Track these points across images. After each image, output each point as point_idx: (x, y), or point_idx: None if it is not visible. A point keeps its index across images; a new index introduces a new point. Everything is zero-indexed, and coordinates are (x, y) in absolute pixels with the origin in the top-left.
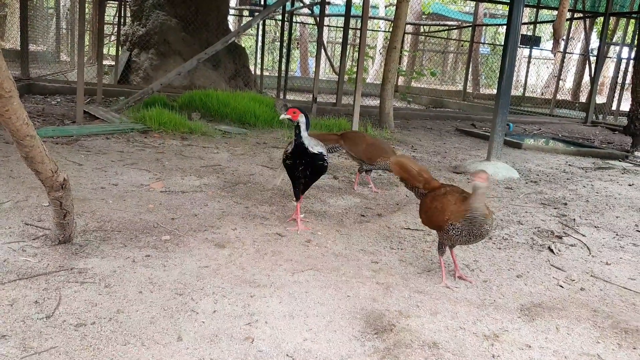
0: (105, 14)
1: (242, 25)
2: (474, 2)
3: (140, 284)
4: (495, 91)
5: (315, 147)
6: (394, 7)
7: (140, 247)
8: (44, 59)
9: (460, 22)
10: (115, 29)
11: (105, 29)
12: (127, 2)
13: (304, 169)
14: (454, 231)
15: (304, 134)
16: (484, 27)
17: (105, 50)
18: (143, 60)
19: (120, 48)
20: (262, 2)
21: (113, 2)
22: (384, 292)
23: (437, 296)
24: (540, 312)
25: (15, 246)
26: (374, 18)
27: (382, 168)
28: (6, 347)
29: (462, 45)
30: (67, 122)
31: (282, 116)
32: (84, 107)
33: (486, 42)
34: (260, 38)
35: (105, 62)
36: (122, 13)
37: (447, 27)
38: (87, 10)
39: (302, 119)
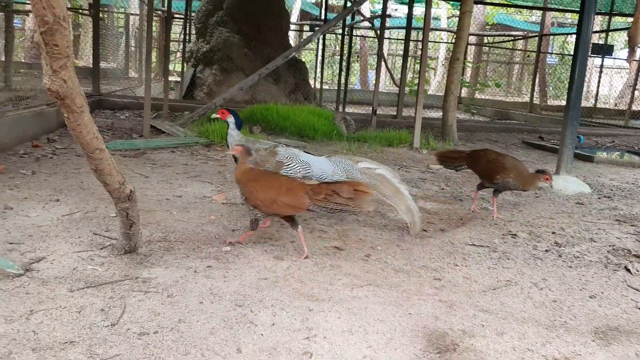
0: (171, 32)
1: (302, 40)
2: (541, 12)
3: (202, 294)
4: (564, 102)
5: (235, 147)
6: (457, 18)
7: (202, 258)
8: (114, 76)
9: (526, 32)
10: (181, 46)
11: (171, 46)
12: (192, 19)
13: None
14: None
15: (232, 132)
16: (551, 37)
17: (171, 67)
18: (207, 76)
19: (185, 64)
20: (323, 17)
21: (179, 20)
22: (447, 310)
23: (504, 315)
24: (617, 336)
25: (84, 255)
26: (436, 30)
27: (505, 187)
28: (74, 353)
29: (528, 56)
30: (134, 135)
31: (213, 115)
32: (150, 121)
33: (554, 52)
34: (320, 52)
35: (171, 78)
36: (188, 30)
37: (513, 38)
38: (154, 28)
39: (230, 119)
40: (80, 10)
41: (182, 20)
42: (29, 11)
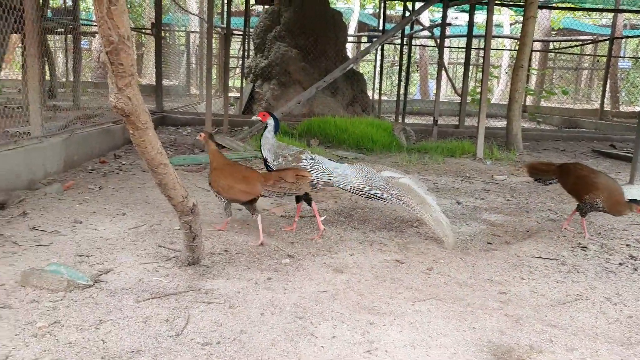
0: (231, 48)
1: (360, 51)
2: (612, 14)
3: (262, 306)
4: (638, 108)
5: (267, 150)
6: (520, 24)
7: (262, 270)
8: (176, 93)
9: (595, 36)
10: (240, 62)
11: (230, 62)
12: (251, 35)
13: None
14: None
15: (267, 134)
16: (623, 40)
17: (230, 83)
18: (265, 90)
19: (244, 80)
20: (381, 28)
21: (237, 36)
22: (513, 324)
23: (574, 331)
24: None
25: (149, 267)
26: (498, 37)
27: (592, 208)
28: None
29: (597, 61)
30: (196, 151)
31: (254, 117)
32: None
33: (626, 55)
34: (378, 63)
35: (230, 94)
36: (246, 46)
37: (581, 42)
38: (214, 45)
39: (270, 121)
40: (143, 30)
41: (241, 36)
42: (95, 32)
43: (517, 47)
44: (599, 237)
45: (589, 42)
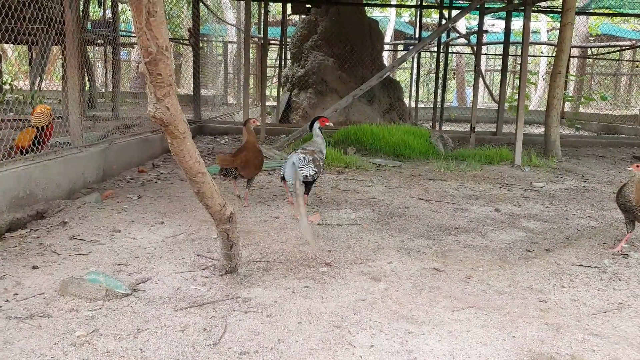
0: (268, 58)
1: (396, 59)
2: None
3: (300, 315)
4: None
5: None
6: (557, 31)
7: (300, 278)
8: (214, 102)
9: (634, 42)
10: (277, 71)
11: (267, 71)
12: (288, 45)
13: None
14: None
15: (317, 138)
16: None
17: (267, 92)
18: (302, 99)
19: (281, 89)
20: (417, 36)
21: (274, 46)
22: (553, 333)
23: (616, 340)
24: None
25: (187, 275)
26: (535, 43)
27: None
28: None
29: (637, 66)
30: None
31: (316, 126)
32: None
33: None
34: (415, 71)
35: (267, 103)
36: (283, 56)
37: (619, 48)
38: (251, 55)
39: (329, 124)
40: (181, 41)
41: (278, 46)
42: (134, 44)
43: (554, 54)
44: None
45: (627, 47)
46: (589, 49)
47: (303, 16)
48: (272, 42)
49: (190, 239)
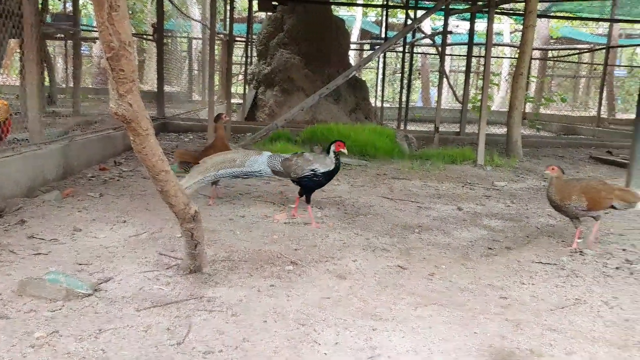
0: (233, 55)
1: (362, 59)
2: (608, 23)
3: (265, 313)
4: (633, 115)
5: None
6: (519, 33)
7: (265, 277)
8: (178, 99)
9: (592, 45)
10: (243, 68)
11: (233, 68)
12: (254, 42)
13: (327, 182)
14: None
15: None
16: (619, 49)
17: (233, 89)
18: (268, 97)
19: (247, 86)
20: (383, 36)
21: (240, 42)
22: (513, 329)
23: (573, 335)
24: None
25: (150, 275)
26: (498, 45)
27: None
28: None
29: (594, 69)
30: None
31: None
32: None
33: (622, 64)
34: (380, 70)
35: (233, 100)
36: (249, 53)
37: (578, 51)
38: (216, 52)
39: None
40: (145, 36)
41: (244, 43)
42: (95, 38)
43: (517, 55)
44: (597, 242)
45: (586, 50)
46: (550, 51)
47: (269, 13)
48: (238, 38)
49: (154, 238)
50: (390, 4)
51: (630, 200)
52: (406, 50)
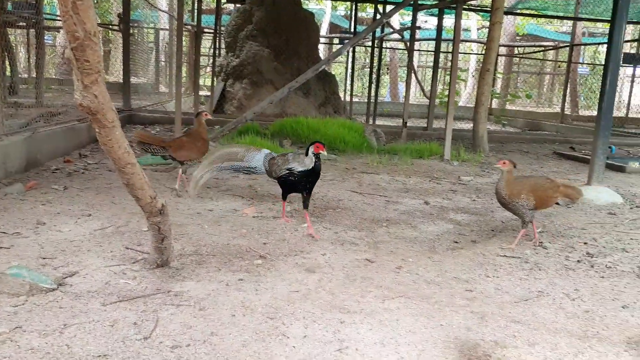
0: (201, 46)
1: (332, 53)
2: (572, 22)
3: (234, 307)
4: (595, 113)
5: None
6: (487, 29)
7: (234, 271)
8: (144, 91)
9: (556, 43)
10: (211, 60)
11: (201, 60)
12: (222, 34)
13: (309, 183)
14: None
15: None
16: (582, 47)
17: (201, 81)
18: (237, 90)
19: (215, 79)
20: (352, 30)
21: (208, 34)
22: (478, 321)
23: (536, 326)
24: None
25: (116, 269)
26: (466, 41)
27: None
28: None
29: (559, 66)
30: None
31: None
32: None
33: (585, 62)
34: (350, 65)
35: (201, 93)
36: (217, 45)
37: (543, 48)
38: (184, 43)
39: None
40: (111, 26)
41: (212, 34)
42: (59, 27)
43: (484, 52)
44: (560, 236)
45: (550, 48)
46: (516, 48)
47: (238, 5)
48: (206, 30)
49: (120, 232)
50: None
51: (574, 197)
52: (375, 45)
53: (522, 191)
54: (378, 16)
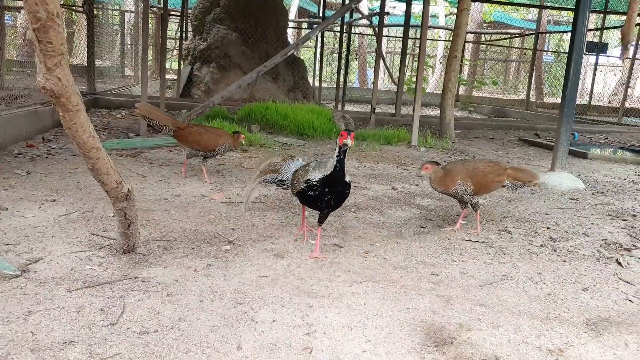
0: (168, 29)
1: (301, 37)
2: (537, 10)
3: (202, 293)
4: (559, 100)
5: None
6: (454, 16)
7: (202, 257)
8: (109, 74)
9: (522, 30)
10: (177, 43)
11: (167, 43)
12: (189, 16)
13: (333, 199)
14: None
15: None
16: (547, 35)
17: (167, 65)
18: (204, 73)
19: (182, 62)
20: (321, 14)
21: (175, 17)
22: (444, 304)
23: (499, 309)
24: (608, 327)
25: (81, 255)
26: (434, 27)
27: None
28: (73, 353)
29: (524, 54)
30: (131, 134)
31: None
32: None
33: (550, 49)
34: (319, 50)
35: (167, 76)
36: (184, 28)
37: (510, 35)
38: (150, 25)
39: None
40: (74, 7)
41: (179, 17)
42: (20, 7)
43: (451, 38)
44: (523, 220)
45: (516, 35)
46: (483, 35)
47: None
48: (172, 12)
49: (85, 218)
50: None
51: (524, 180)
52: (344, 30)
53: (457, 177)
54: (347, 1)
